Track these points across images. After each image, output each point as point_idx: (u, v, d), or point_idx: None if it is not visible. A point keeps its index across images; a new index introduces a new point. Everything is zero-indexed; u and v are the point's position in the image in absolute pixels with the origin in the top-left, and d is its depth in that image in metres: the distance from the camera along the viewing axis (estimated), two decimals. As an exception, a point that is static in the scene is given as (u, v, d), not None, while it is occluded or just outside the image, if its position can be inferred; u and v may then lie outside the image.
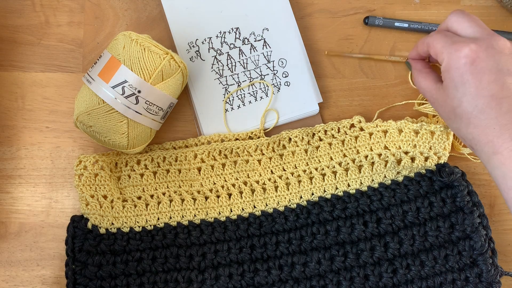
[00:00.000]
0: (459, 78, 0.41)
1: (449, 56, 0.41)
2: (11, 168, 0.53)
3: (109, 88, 0.45)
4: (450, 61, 0.41)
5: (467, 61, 0.40)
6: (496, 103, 0.39)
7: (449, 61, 0.41)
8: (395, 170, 0.50)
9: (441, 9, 0.56)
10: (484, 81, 0.40)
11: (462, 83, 0.40)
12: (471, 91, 0.40)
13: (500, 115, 0.39)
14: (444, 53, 0.42)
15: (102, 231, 0.50)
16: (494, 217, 0.53)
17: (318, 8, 0.56)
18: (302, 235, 0.49)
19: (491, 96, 0.39)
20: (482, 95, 0.40)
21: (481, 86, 0.40)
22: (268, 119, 0.53)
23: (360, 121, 0.52)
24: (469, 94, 0.40)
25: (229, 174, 0.51)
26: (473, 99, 0.40)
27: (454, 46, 0.41)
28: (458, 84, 0.41)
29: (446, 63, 0.42)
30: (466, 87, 0.40)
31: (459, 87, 0.41)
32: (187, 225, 0.50)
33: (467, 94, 0.40)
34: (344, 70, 0.55)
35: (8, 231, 0.52)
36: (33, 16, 0.55)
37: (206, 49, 0.54)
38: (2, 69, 0.54)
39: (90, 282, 0.48)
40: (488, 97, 0.39)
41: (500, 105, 0.39)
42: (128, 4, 0.55)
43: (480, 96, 0.40)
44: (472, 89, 0.40)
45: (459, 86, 0.41)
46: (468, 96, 0.40)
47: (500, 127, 0.39)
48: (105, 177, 0.50)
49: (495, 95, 0.39)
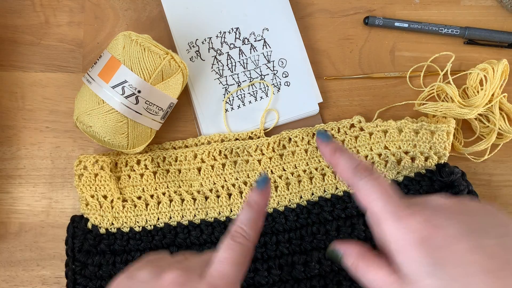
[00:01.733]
0: (427, 258, 0.30)
1: (394, 230, 0.31)
2: (11, 168, 0.53)
3: (109, 88, 0.45)
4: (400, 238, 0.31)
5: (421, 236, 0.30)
6: (495, 279, 0.28)
7: (397, 238, 0.31)
8: (395, 170, 0.50)
9: (441, 9, 0.56)
10: (461, 250, 0.29)
11: (437, 265, 0.29)
12: (455, 272, 0.29)
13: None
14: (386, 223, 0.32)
15: (102, 231, 0.50)
16: (494, 217, 0.53)
17: (318, 8, 0.56)
18: (302, 235, 0.49)
19: (483, 271, 0.29)
20: (473, 272, 0.29)
21: (464, 260, 0.29)
22: (268, 119, 0.53)
23: (360, 121, 0.52)
24: (456, 277, 0.29)
25: (229, 174, 0.51)
26: (465, 284, 0.29)
27: (397, 214, 0.31)
28: (433, 268, 0.29)
29: (394, 241, 0.31)
30: (447, 269, 0.29)
31: (437, 273, 0.29)
32: (187, 225, 0.50)
33: (452, 279, 0.29)
34: (344, 70, 0.55)
35: (8, 231, 0.52)
36: (33, 16, 0.55)
37: (206, 49, 0.54)
38: (2, 69, 0.54)
39: (90, 282, 0.48)
40: (481, 273, 0.29)
41: (503, 281, 0.28)
42: (128, 4, 0.55)
43: (471, 275, 0.29)
44: (454, 270, 0.29)
45: (435, 270, 0.29)
46: (458, 282, 0.29)
47: None
48: (105, 177, 0.50)
49: (486, 268, 0.29)
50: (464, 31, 0.54)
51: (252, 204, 0.36)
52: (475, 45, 0.55)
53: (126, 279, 0.35)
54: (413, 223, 0.30)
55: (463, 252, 0.29)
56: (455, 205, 0.32)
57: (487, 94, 0.51)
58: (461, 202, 0.33)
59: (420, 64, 0.55)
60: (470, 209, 0.32)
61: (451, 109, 0.50)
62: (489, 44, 0.55)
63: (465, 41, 0.55)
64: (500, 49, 0.55)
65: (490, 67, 0.51)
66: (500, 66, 0.51)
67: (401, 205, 0.32)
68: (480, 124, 0.52)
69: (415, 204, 0.32)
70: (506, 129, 0.52)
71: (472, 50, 0.55)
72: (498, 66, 0.51)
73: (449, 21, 0.55)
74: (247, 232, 0.34)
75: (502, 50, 0.55)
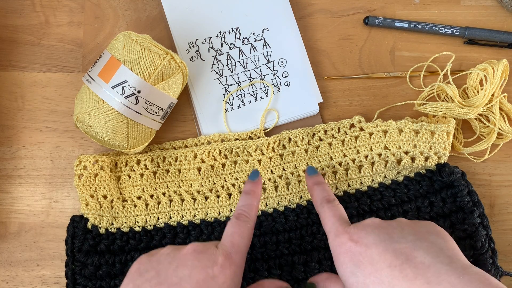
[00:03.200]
0: (350, 261, 0.38)
1: (333, 242, 0.40)
2: (11, 168, 0.53)
3: (109, 88, 0.45)
4: (335, 248, 0.40)
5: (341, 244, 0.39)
6: (399, 272, 0.36)
7: (334, 249, 0.40)
8: (395, 170, 0.50)
9: (441, 9, 0.56)
10: (374, 253, 0.37)
11: (357, 266, 0.38)
12: (369, 270, 0.37)
13: (411, 284, 0.35)
14: (330, 237, 0.41)
15: (101, 231, 0.50)
16: (494, 217, 0.53)
17: (318, 8, 0.56)
18: (302, 235, 0.49)
19: (389, 266, 0.36)
20: (381, 268, 0.36)
21: (375, 260, 0.37)
22: (268, 119, 0.53)
23: (360, 121, 0.52)
24: (369, 274, 0.37)
25: (229, 174, 0.51)
26: (376, 277, 0.36)
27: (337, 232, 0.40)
28: (353, 268, 0.38)
29: (333, 251, 0.40)
30: (361, 268, 0.37)
31: (356, 272, 0.38)
32: (187, 225, 0.50)
33: (367, 275, 0.37)
34: (344, 70, 0.55)
35: (8, 231, 0.52)
36: (33, 16, 0.55)
37: (206, 49, 0.53)
38: (2, 69, 0.54)
39: (89, 282, 0.48)
40: (387, 268, 0.36)
41: (403, 272, 0.35)
42: (128, 4, 0.55)
43: (379, 270, 0.36)
44: (369, 268, 0.37)
45: (355, 270, 0.38)
46: (370, 277, 0.37)
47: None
48: (105, 177, 0.50)
49: (392, 264, 0.36)
50: (464, 31, 0.54)
51: (248, 191, 0.44)
52: (475, 45, 0.55)
53: (147, 256, 0.40)
54: (344, 238, 0.39)
55: (375, 255, 0.37)
56: (380, 223, 0.40)
57: (487, 94, 0.51)
58: (388, 221, 0.41)
59: (420, 64, 0.55)
60: (393, 225, 0.40)
61: (451, 109, 0.50)
62: (489, 44, 0.55)
63: (465, 41, 0.55)
64: (500, 49, 0.55)
65: (490, 67, 0.51)
66: (500, 66, 0.51)
67: (341, 226, 0.41)
68: (480, 124, 0.52)
69: (351, 226, 0.41)
70: (506, 129, 0.52)
71: (472, 50, 0.55)
72: (498, 66, 0.51)
73: (449, 21, 0.55)
74: (248, 212, 0.42)
75: (502, 50, 0.55)
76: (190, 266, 0.37)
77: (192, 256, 0.38)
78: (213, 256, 0.38)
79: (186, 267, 0.37)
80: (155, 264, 0.38)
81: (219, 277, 0.37)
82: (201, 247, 0.39)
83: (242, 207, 0.43)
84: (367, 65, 0.55)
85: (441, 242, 0.38)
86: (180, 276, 0.37)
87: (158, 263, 0.38)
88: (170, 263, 0.38)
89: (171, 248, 0.40)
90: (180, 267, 0.37)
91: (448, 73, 0.52)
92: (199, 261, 0.37)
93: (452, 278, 0.34)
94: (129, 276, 0.39)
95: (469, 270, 0.35)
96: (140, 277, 0.38)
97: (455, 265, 0.35)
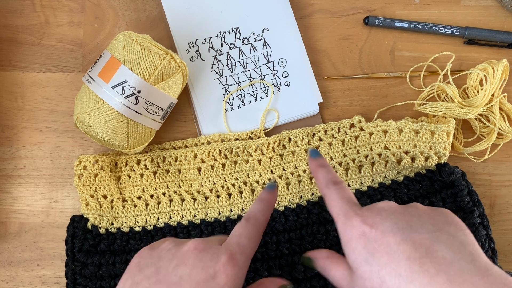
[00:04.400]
0: (364, 249, 0.36)
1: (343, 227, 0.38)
2: (11, 168, 0.53)
3: (109, 88, 0.45)
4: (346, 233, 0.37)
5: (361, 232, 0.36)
6: (419, 266, 0.33)
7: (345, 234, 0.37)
8: (395, 170, 0.50)
9: (441, 9, 0.56)
10: (391, 242, 0.35)
11: (371, 254, 0.35)
12: (385, 259, 0.34)
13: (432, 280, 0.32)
14: (339, 222, 0.38)
15: (102, 231, 0.50)
16: (494, 217, 0.53)
17: (318, 8, 0.56)
18: (302, 235, 0.49)
19: (408, 259, 0.34)
20: (398, 259, 0.34)
21: (392, 250, 0.34)
22: (268, 119, 0.53)
23: (360, 121, 0.52)
24: (385, 264, 0.34)
25: (229, 174, 0.51)
26: (393, 269, 0.34)
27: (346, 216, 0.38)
28: (368, 256, 0.35)
29: (343, 237, 0.38)
30: (377, 257, 0.35)
31: (371, 260, 0.35)
32: (186, 225, 0.50)
33: (382, 265, 0.34)
34: (344, 70, 0.55)
35: (8, 231, 0.52)
36: (33, 16, 0.55)
37: (206, 49, 0.53)
38: (2, 69, 0.54)
39: (90, 282, 0.48)
40: (406, 260, 0.34)
41: (423, 266, 0.33)
42: (128, 4, 0.55)
43: (396, 261, 0.34)
44: (385, 257, 0.34)
45: (370, 258, 0.35)
46: (387, 267, 0.34)
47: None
48: (105, 177, 0.50)
49: (411, 256, 0.34)
50: (464, 31, 0.54)
51: (262, 199, 0.42)
52: (475, 45, 0.55)
53: (148, 249, 0.39)
54: (356, 221, 0.37)
55: (392, 244, 0.35)
56: (396, 208, 0.38)
57: (487, 94, 0.51)
58: (404, 206, 0.38)
59: (420, 64, 0.55)
60: (409, 211, 0.38)
61: (451, 109, 0.50)
62: (489, 44, 0.55)
63: (465, 41, 0.55)
64: (500, 49, 0.55)
65: (490, 67, 0.51)
66: (500, 66, 0.51)
67: (351, 209, 0.38)
68: (480, 124, 0.52)
69: (363, 208, 0.38)
70: (506, 129, 0.52)
71: (472, 50, 0.55)
72: (498, 66, 0.51)
73: (449, 21, 0.55)
74: (258, 217, 0.40)
75: (502, 50, 0.55)
76: (190, 265, 0.36)
77: (193, 254, 0.36)
78: (216, 255, 0.36)
79: (186, 266, 0.36)
80: (155, 260, 0.37)
81: (221, 277, 0.35)
82: (203, 244, 0.37)
83: (254, 211, 0.41)
84: (367, 65, 0.55)
85: (461, 236, 0.36)
86: (180, 275, 0.35)
87: (159, 259, 0.37)
88: (170, 260, 0.37)
89: (173, 243, 0.38)
90: (181, 265, 0.36)
91: (448, 73, 0.52)
92: (200, 260, 0.36)
93: (475, 279, 0.32)
94: (129, 270, 0.38)
95: (492, 271, 0.33)
96: (140, 273, 0.37)
97: (478, 264, 0.33)
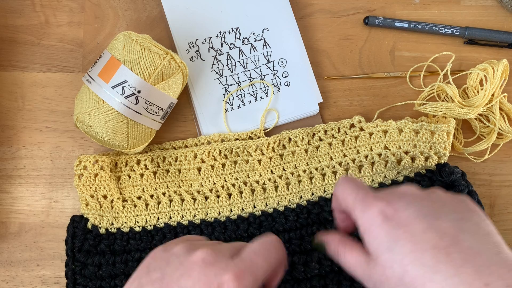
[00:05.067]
0: (386, 236, 0.34)
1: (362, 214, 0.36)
2: (11, 168, 0.53)
3: (109, 88, 0.45)
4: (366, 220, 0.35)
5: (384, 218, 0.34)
6: (445, 256, 0.32)
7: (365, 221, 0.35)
8: (395, 170, 0.50)
9: (441, 9, 0.56)
10: (416, 230, 0.33)
11: (394, 241, 0.33)
12: (409, 247, 0.33)
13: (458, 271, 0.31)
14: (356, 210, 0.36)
15: (102, 231, 0.50)
16: (494, 217, 0.53)
17: (318, 8, 0.56)
18: (302, 235, 0.49)
19: (434, 248, 0.32)
20: (423, 248, 0.32)
21: (416, 238, 0.33)
22: (268, 119, 0.53)
23: (360, 121, 0.52)
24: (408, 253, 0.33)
25: (229, 174, 0.51)
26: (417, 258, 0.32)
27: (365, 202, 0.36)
28: (390, 243, 0.34)
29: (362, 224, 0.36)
30: (400, 245, 0.33)
31: (393, 248, 0.33)
32: (187, 225, 0.50)
33: (406, 253, 0.33)
34: (344, 70, 0.55)
35: (8, 231, 0.52)
36: (33, 16, 0.55)
37: (206, 49, 0.53)
38: (2, 69, 0.54)
39: (90, 282, 0.48)
40: (431, 249, 0.32)
41: (450, 256, 0.32)
42: (128, 4, 0.55)
43: (420, 250, 0.32)
44: (409, 245, 0.33)
45: (392, 246, 0.33)
46: (410, 256, 0.33)
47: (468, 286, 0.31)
48: (105, 177, 0.50)
49: (437, 245, 0.32)
50: (464, 31, 0.54)
51: None
52: (475, 45, 0.55)
53: (162, 251, 0.38)
54: (377, 207, 0.35)
55: (417, 231, 0.33)
56: (418, 193, 0.36)
57: (487, 94, 0.51)
58: (426, 191, 0.37)
59: (420, 64, 0.55)
60: (432, 197, 0.36)
61: (451, 109, 0.50)
62: (489, 44, 0.55)
63: (465, 41, 0.55)
64: (500, 49, 0.55)
65: (490, 67, 0.51)
66: (500, 66, 0.51)
67: (369, 194, 0.36)
68: (480, 124, 0.52)
69: (382, 192, 0.37)
70: (506, 129, 0.52)
71: (472, 50, 0.55)
72: (498, 66, 0.51)
73: (449, 21, 0.55)
74: (281, 247, 0.38)
75: (502, 50, 0.55)
76: (194, 278, 0.34)
77: (199, 267, 0.34)
78: (222, 271, 0.34)
79: (190, 278, 0.34)
80: (164, 264, 0.36)
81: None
82: (212, 257, 0.35)
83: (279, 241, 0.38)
84: (367, 65, 0.55)
85: (485, 225, 0.35)
86: (182, 287, 0.34)
87: (167, 264, 0.36)
88: (176, 269, 0.35)
89: (184, 249, 0.37)
90: (185, 276, 0.34)
91: (448, 73, 0.52)
92: (204, 274, 0.34)
93: (503, 271, 0.31)
94: (139, 270, 0.37)
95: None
96: (147, 276, 0.36)
97: (504, 256, 0.32)
